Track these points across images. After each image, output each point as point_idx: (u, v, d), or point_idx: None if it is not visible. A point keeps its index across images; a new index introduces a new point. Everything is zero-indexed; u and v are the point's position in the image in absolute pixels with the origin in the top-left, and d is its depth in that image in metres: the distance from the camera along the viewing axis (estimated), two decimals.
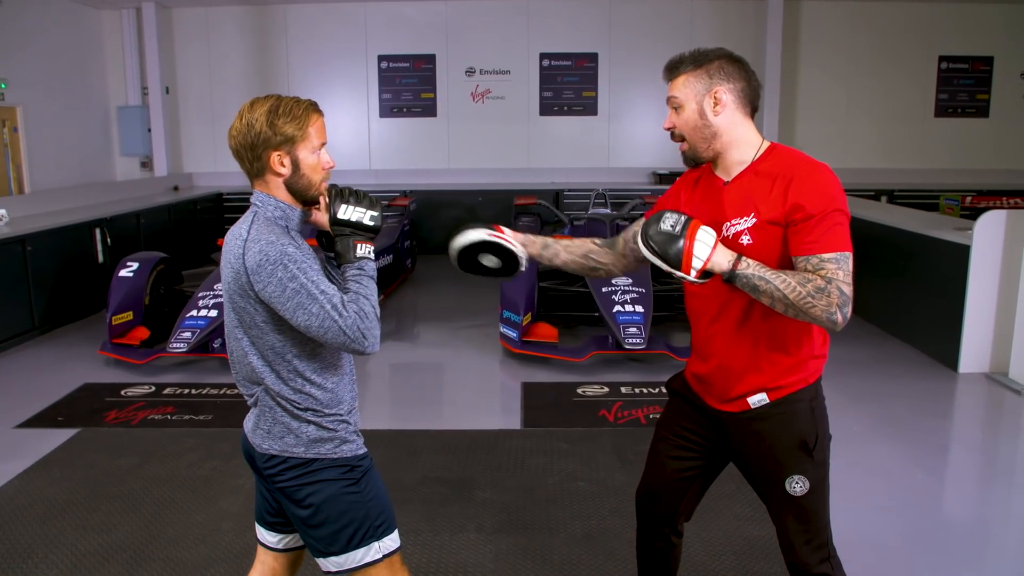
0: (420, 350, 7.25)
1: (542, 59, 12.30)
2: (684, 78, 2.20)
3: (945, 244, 6.24)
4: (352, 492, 2.11)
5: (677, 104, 2.22)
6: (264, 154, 2.02)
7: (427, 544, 3.61)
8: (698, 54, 2.21)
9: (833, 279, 2.01)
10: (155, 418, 5.21)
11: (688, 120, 2.21)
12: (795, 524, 2.27)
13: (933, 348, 6.39)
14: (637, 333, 5.94)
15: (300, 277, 1.93)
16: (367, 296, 2.04)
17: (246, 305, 2.00)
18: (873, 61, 12.17)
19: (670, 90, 2.24)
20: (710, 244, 2.06)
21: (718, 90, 2.17)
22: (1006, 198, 11.13)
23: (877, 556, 3.51)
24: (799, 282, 2.00)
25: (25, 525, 3.80)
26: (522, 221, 10.11)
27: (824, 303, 1.99)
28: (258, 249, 1.94)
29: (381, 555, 2.15)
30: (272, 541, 2.32)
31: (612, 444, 4.71)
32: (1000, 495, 4.24)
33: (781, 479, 2.23)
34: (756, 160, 2.20)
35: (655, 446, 2.54)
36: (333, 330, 1.95)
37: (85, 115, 11.55)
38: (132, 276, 6.66)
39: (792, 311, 2.03)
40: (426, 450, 4.67)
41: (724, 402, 2.30)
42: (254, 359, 2.05)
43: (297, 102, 2.05)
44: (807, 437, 2.23)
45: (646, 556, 2.64)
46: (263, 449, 2.10)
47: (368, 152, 12.48)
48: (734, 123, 2.20)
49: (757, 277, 2.03)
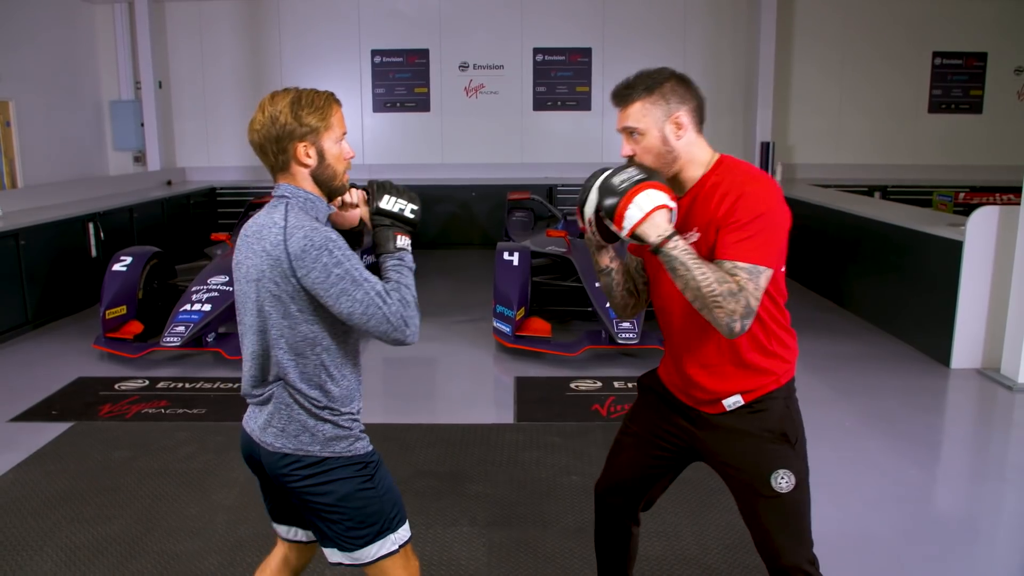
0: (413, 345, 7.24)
1: (535, 54, 12.29)
2: (640, 105, 2.17)
3: (938, 240, 6.26)
4: (368, 488, 2.12)
5: (639, 132, 2.17)
6: (290, 146, 2.02)
7: (420, 538, 3.61)
8: (647, 77, 2.17)
9: (745, 288, 2.00)
10: (149, 412, 5.20)
11: (651, 147, 2.18)
12: (781, 523, 2.25)
13: (925, 344, 6.41)
14: (630, 328, 5.96)
15: (345, 263, 1.94)
16: (408, 286, 2.06)
17: (282, 293, 1.98)
18: (867, 57, 12.18)
19: (624, 120, 2.20)
20: (645, 209, 2.02)
21: (678, 114, 2.16)
22: (999, 194, 11.15)
23: (868, 550, 3.53)
24: (717, 279, 1.99)
25: (19, 518, 3.80)
26: (515, 216, 10.11)
27: (731, 307, 1.98)
28: (302, 235, 1.94)
29: (397, 546, 2.18)
30: (284, 532, 2.34)
31: (605, 438, 4.71)
32: (991, 490, 4.26)
33: (766, 475, 2.22)
34: (704, 175, 2.19)
35: (621, 440, 2.56)
36: (377, 316, 1.96)
37: (78, 109, 11.51)
38: (125, 270, 6.65)
39: (699, 303, 2.01)
40: (419, 444, 4.68)
41: (699, 403, 2.31)
42: (280, 352, 2.04)
43: (317, 93, 2.06)
44: (787, 430, 2.23)
45: (606, 548, 2.66)
46: (275, 448, 2.08)
47: (361, 147, 12.45)
48: (690, 143, 2.19)
49: (680, 260, 2.01)
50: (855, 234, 7.86)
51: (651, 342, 6.04)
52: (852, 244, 7.93)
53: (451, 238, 11.93)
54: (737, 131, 12.12)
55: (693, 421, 2.34)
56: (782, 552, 2.25)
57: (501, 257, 6.51)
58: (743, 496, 2.30)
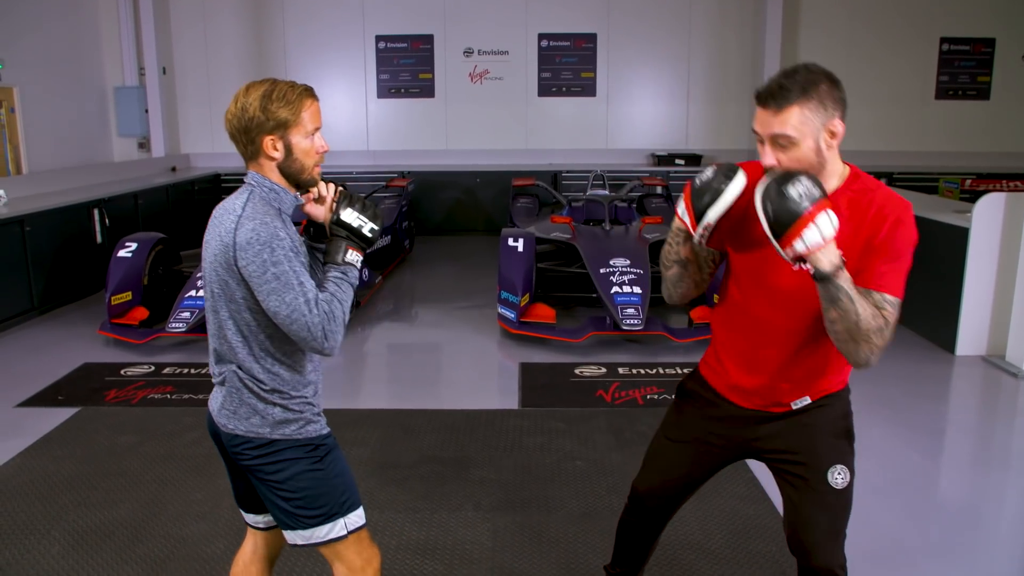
0: (418, 330, 7.26)
1: (540, 40, 12.25)
2: (799, 110, 1.92)
3: (944, 227, 6.24)
4: (316, 470, 2.14)
5: (791, 141, 1.95)
6: (258, 138, 2.04)
7: (425, 522, 3.63)
8: (802, 79, 1.94)
9: (890, 324, 1.96)
10: (155, 397, 5.22)
11: (802, 158, 1.96)
12: (827, 521, 2.22)
13: (930, 330, 6.40)
14: (635, 314, 5.96)
15: (283, 264, 1.96)
16: (341, 301, 2.07)
17: (228, 279, 2.01)
18: (874, 43, 12.12)
19: (777, 125, 1.95)
20: (826, 237, 1.87)
21: (834, 122, 1.96)
22: (1006, 181, 11.12)
23: (872, 537, 3.54)
24: (872, 315, 1.93)
25: (27, 502, 3.82)
26: (520, 202, 10.10)
27: (876, 342, 1.94)
28: (251, 227, 1.96)
29: (347, 531, 2.19)
30: (251, 520, 2.37)
31: (609, 424, 4.73)
32: (995, 477, 4.27)
33: (823, 470, 2.20)
34: (839, 188, 2.05)
35: (666, 447, 2.47)
36: (299, 323, 1.98)
37: (82, 95, 11.49)
38: (131, 256, 6.66)
39: (848, 335, 1.94)
40: (424, 429, 4.70)
41: (766, 406, 2.27)
42: (230, 333, 2.07)
43: (292, 87, 2.05)
44: (847, 427, 2.24)
45: (632, 540, 2.66)
46: (228, 429, 2.12)
47: (366, 133, 12.45)
48: (835, 152, 2.03)
49: (847, 292, 1.91)
50: None
51: (655, 328, 6.05)
52: None
53: (456, 224, 11.93)
54: (744, 118, 12.06)
55: (752, 420, 2.30)
56: (816, 550, 2.21)
57: (506, 243, 6.51)
58: (794, 487, 2.25)
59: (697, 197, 2.07)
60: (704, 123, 12.19)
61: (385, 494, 3.89)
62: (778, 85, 1.94)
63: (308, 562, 3.24)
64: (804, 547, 2.23)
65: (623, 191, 8.98)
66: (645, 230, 7.29)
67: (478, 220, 11.90)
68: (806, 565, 2.23)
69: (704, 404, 2.38)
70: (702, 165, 11.47)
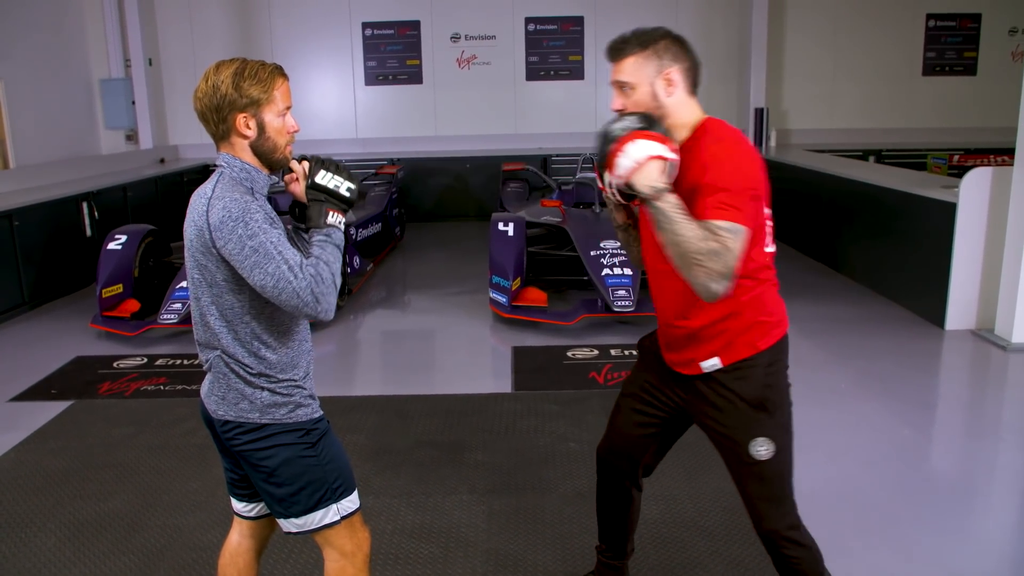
0: (410, 317, 7.27)
1: (527, 23, 12.20)
2: (633, 60, 2.17)
3: (931, 202, 6.26)
4: (309, 455, 2.13)
5: (629, 87, 2.18)
6: (230, 116, 2.03)
7: (420, 506, 3.65)
8: (642, 34, 2.18)
9: (730, 249, 1.97)
10: (148, 389, 5.23)
11: (640, 102, 2.17)
12: (761, 490, 2.29)
13: (920, 306, 6.44)
14: (626, 296, 5.98)
15: (260, 236, 1.94)
16: (328, 262, 2.04)
17: (207, 263, 2.01)
18: (859, 20, 12.10)
19: (617, 73, 2.20)
20: (636, 159, 2.01)
21: (670, 71, 2.16)
22: (993, 156, 11.14)
23: (863, 510, 3.57)
24: (700, 236, 1.96)
25: (22, 496, 3.83)
26: (510, 187, 10.10)
27: (711, 266, 1.95)
28: (222, 206, 1.95)
29: (340, 516, 2.18)
30: (241, 509, 2.36)
31: (602, 406, 4.75)
32: (986, 449, 4.30)
33: (744, 443, 2.25)
34: (687, 139, 2.18)
35: (619, 402, 2.60)
36: (287, 291, 1.95)
37: (68, 88, 11.41)
38: (120, 249, 6.64)
39: (680, 262, 1.99)
40: (418, 414, 4.71)
41: (679, 364, 2.33)
42: (212, 319, 2.06)
43: (263, 65, 2.06)
44: (766, 397, 2.24)
45: (607, 510, 2.70)
46: (218, 416, 2.11)
47: (354, 120, 12.40)
48: (681, 103, 2.19)
49: (667, 214, 1.98)
50: (849, 198, 7.86)
51: (647, 309, 6.06)
52: (846, 208, 7.93)
53: (446, 210, 11.92)
54: (731, 98, 12.06)
55: (679, 383, 2.37)
56: (764, 517, 2.31)
57: (496, 228, 6.52)
58: (727, 461, 2.35)
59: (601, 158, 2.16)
60: None
61: (380, 479, 3.91)
62: (620, 40, 2.21)
63: (295, 550, 3.25)
64: (752, 515, 2.34)
65: None
66: None
67: (469, 206, 11.89)
68: (759, 531, 2.34)
69: (652, 359, 2.49)
70: None
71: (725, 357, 2.25)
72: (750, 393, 2.24)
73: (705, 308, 2.21)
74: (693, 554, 3.25)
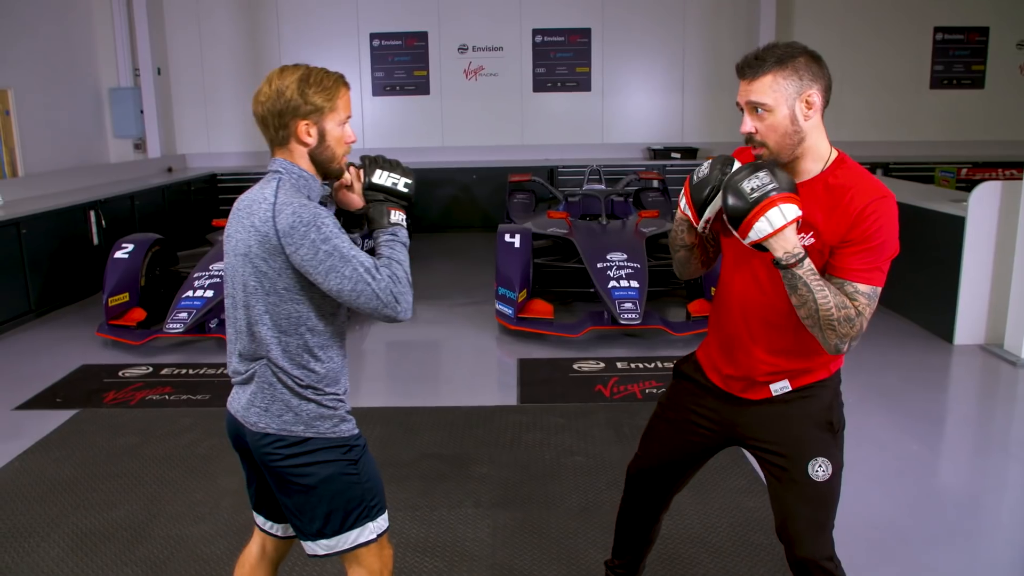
0: (416, 328, 7.26)
1: (535, 35, 12.22)
2: (771, 78, 2.00)
3: (940, 216, 6.24)
4: (351, 472, 2.09)
5: (765, 108, 2.02)
6: (292, 122, 2.00)
7: (425, 519, 3.63)
8: (780, 51, 2.02)
9: (862, 314, 1.99)
10: (153, 398, 5.22)
11: (777, 126, 2.03)
12: (809, 513, 2.19)
13: (928, 320, 6.41)
14: (632, 308, 5.96)
15: (333, 239, 1.92)
16: (400, 261, 2.04)
17: (269, 270, 1.97)
18: (867, 33, 12.10)
19: (751, 93, 2.03)
20: (775, 225, 1.94)
21: (811, 92, 2.02)
22: (1002, 169, 11.12)
23: (870, 527, 3.54)
24: (837, 304, 1.97)
25: (26, 505, 3.82)
26: (516, 198, 10.08)
27: (843, 331, 1.98)
28: (291, 211, 1.92)
29: (375, 535, 2.15)
30: (270, 528, 2.33)
31: (608, 419, 4.73)
32: (995, 466, 4.28)
33: (804, 462, 2.18)
34: (825, 171, 2.08)
35: (657, 426, 2.51)
36: (367, 293, 1.94)
37: (77, 97, 11.46)
38: (127, 257, 6.64)
39: (811, 321, 1.99)
40: (423, 427, 4.70)
41: (745, 390, 2.28)
42: (264, 329, 2.01)
43: (327, 73, 2.03)
44: (833, 419, 2.21)
45: (630, 528, 2.67)
46: (259, 428, 2.05)
47: (361, 131, 12.40)
48: (817, 127, 2.07)
49: (804, 281, 1.97)
50: None
51: (653, 322, 6.05)
52: None
53: (452, 221, 11.92)
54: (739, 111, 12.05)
55: (735, 405, 2.30)
56: (799, 541, 2.19)
57: (502, 239, 6.51)
58: (776, 479, 2.25)
59: (696, 191, 2.15)
60: (699, 116, 12.16)
61: (385, 492, 3.88)
62: (755, 56, 2.03)
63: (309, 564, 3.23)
64: (788, 537, 2.22)
65: (619, 185, 8.97)
66: (642, 224, 7.29)
67: (475, 216, 11.89)
68: (791, 555, 2.23)
69: (694, 385, 2.41)
70: (698, 158, 11.46)
71: (795, 380, 2.22)
72: (818, 412, 2.21)
73: (803, 349, 2.17)
74: (701, 571, 3.23)
